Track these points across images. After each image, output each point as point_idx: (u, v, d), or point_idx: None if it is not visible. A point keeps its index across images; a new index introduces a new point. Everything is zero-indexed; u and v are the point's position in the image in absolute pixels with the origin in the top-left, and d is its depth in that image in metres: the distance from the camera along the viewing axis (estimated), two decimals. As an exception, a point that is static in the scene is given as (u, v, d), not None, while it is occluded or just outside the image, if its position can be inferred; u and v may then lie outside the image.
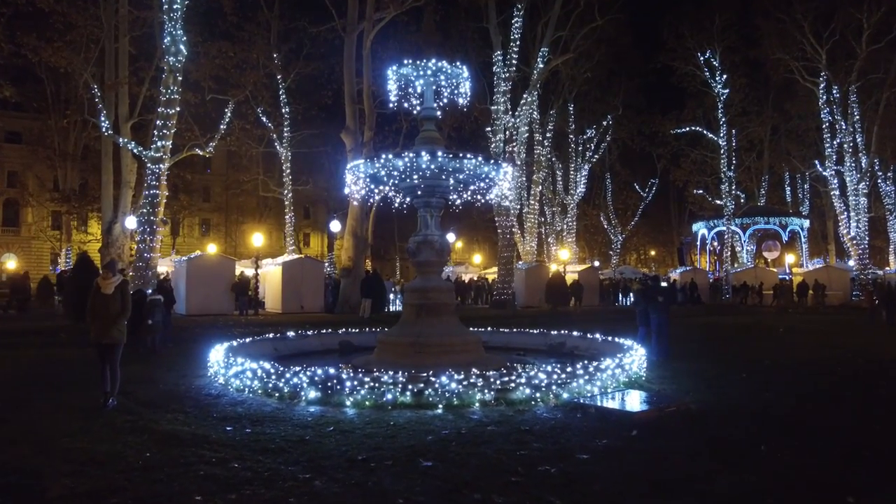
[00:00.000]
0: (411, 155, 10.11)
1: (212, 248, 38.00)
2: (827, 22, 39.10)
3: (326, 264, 35.16)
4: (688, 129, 47.59)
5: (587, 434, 6.65)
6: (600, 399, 8.09)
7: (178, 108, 24.65)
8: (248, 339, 12.55)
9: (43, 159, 51.75)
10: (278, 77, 34.41)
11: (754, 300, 39.25)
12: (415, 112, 12.01)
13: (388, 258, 74.03)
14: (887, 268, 47.69)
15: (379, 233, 57.71)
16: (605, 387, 8.78)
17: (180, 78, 24.20)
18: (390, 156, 10.32)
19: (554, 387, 8.19)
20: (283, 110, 34.96)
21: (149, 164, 24.45)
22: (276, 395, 8.39)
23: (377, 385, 7.85)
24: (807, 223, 52.21)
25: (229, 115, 28.77)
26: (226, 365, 9.56)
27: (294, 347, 13.22)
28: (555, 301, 29.25)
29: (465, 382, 7.85)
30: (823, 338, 18.21)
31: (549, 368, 8.42)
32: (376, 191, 12.02)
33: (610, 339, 12.44)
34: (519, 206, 39.42)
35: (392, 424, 6.97)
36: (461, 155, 10.29)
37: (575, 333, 13.50)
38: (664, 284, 13.26)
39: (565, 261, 39.02)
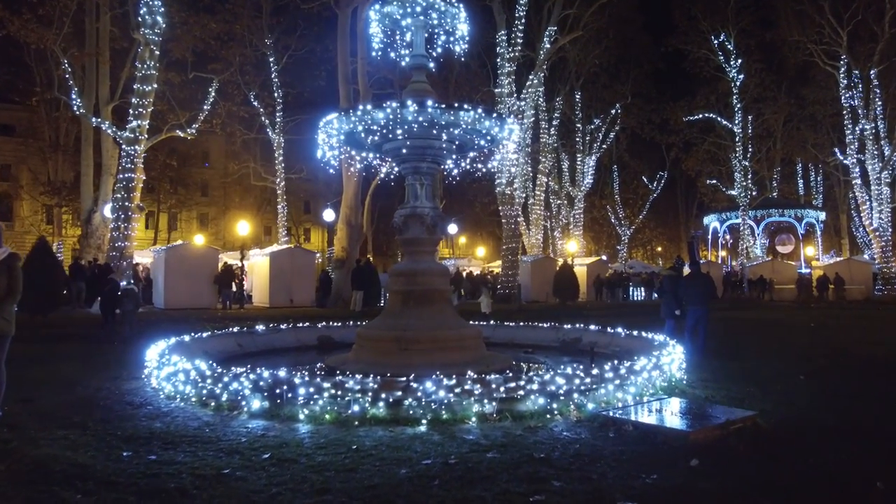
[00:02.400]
0: (395, 105, 8.15)
1: (199, 239, 36.10)
2: (848, 2, 36.95)
3: (318, 255, 33.21)
4: (701, 115, 45.39)
5: (628, 465, 4.70)
6: (637, 411, 6.14)
7: (155, 85, 22.82)
8: (205, 334, 10.61)
9: (36, 152, 50.24)
10: (270, 60, 32.47)
11: (787, 294, 36.93)
12: (403, 63, 10.07)
13: (390, 254, 72.02)
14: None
15: (382, 228, 55.85)
16: (641, 394, 6.84)
17: (157, 52, 22.35)
18: (369, 106, 8.37)
19: (576, 394, 6.24)
20: (276, 94, 33.00)
21: (124, 146, 22.63)
22: (213, 404, 6.47)
23: (340, 392, 5.91)
24: (823, 216, 50.13)
25: (213, 93, 26.82)
26: (158, 365, 7.64)
27: (263, 344, 11.30)
28: (563, 295, 27.24)
29: (457, 389, 5.91)
30: (866, 332, 16.30)
31: (569, 371, 6.46)
32: (356, 157, 10.13)
33: (635, 333, 10.47)
34: (524, 196, 37.42)
35: (354, 449, 5.03)
36: (457, 105, 8.33)
37: (592, 327, 11.53)
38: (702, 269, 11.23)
39: (573, 253, 37.08)
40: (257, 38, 31.01)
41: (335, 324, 12.83)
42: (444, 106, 8.25)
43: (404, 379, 5.97)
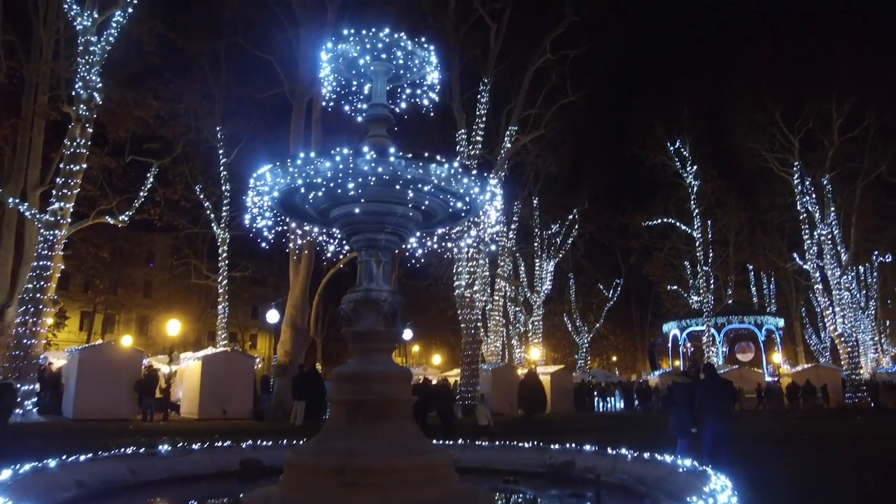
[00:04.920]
0: (347, 152, 6.23)
1: (126, 341, 32.85)
2: (798, 111, 37.87)
3: (258, 360, 30.28)
4: (659, 220, 45.16)
5: None
6: None
7: (84, 165, 20.71)
8: (84, 457, 7.97)
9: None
10: (220, 152, 30.83)
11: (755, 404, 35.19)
12: (360, 119, 8.27)
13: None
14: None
15: (333, 334, 52.93)
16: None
17: (90, 130, 20.44)
18: (312, 154, 6.44)
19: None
20: (223, 186, 31.12)
21: (42, 230, 20.18)
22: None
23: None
24: (781, 322, 49.70)
25: (152, 179, 24.80)
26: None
27: (165, 469, 8.63)
28: (529, 406, 24.86)
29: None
30: (876, 446, 14.49)
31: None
32: (297, 229, 8.08)
33: (646, 455, 8.24)
34: (483, 300, 35.64)
35: None
36: (427, 156, 6.45)
37: (587, 447, 9.26)
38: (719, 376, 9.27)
39: (536, 361, 35.01)
40: (204, 126, 29.42)
41: (265, 442, 10.24)
42: (410, 156, 6.36)
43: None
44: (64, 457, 7.75)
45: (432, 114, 8.27)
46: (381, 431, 6.47)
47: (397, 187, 6.41)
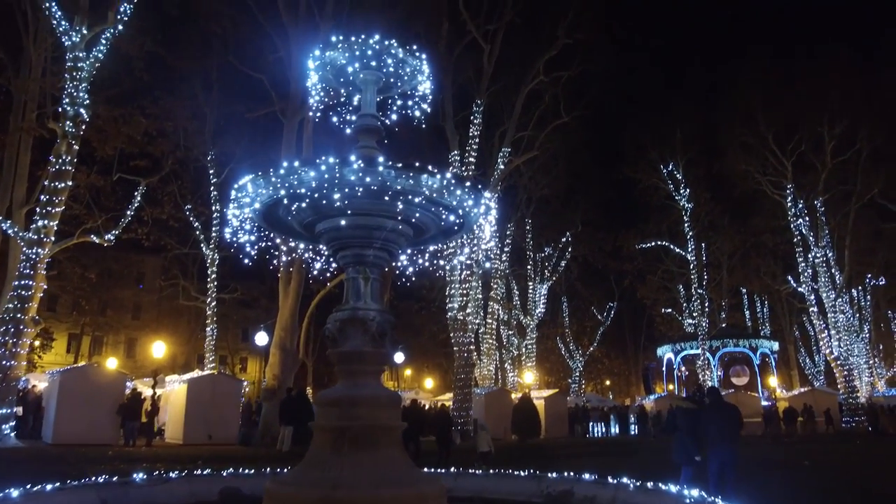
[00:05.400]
0: (333, 161, 5.88)
1: (111, 363, 32.18)
2: (791, 134, 37.90)
3: (246, 383, 29.64)
4: (653, 243, 44.91)
5: None
6: None
7: (69, 183, 20.28)
8: (51, 486, 7.47)
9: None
10: (210, 171, 30.48)
11: (753, 428, 34.65)
12: (348, 131, 7.93)
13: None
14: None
15: (324, 357, 52.28)
16: None
17: (76, 147, 20.06)
18: (295, 163, 6.08)
19: None
20: (213, 206, 30.71)
21: (24, 248, 19.71)
22: None
23: None
24: (776, 346, 49.37)
25: (139, 198, 24.39)
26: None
27: (140, 500, 8.13)
28: (524, 431, 24.32)
29: None
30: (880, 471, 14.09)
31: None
32: (282, 245, 7.69)
33: (649, 485, 7.80)
34: (476, 323, 35.15)
35: None
36: (418, 166, 6.10)
37: (586, 476, 8.80)
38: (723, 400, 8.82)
39: (529, 384, 34.48)
40: (193, 144, 29.05)
41: (247, 470, 9.73)
42: (400, 166, 6.01)
43: None
44: (29, 485, 7.26)
45: (424, 126, 7.96)
46: (368, 460, 6.04)
47: (386, 199, 6.06)
